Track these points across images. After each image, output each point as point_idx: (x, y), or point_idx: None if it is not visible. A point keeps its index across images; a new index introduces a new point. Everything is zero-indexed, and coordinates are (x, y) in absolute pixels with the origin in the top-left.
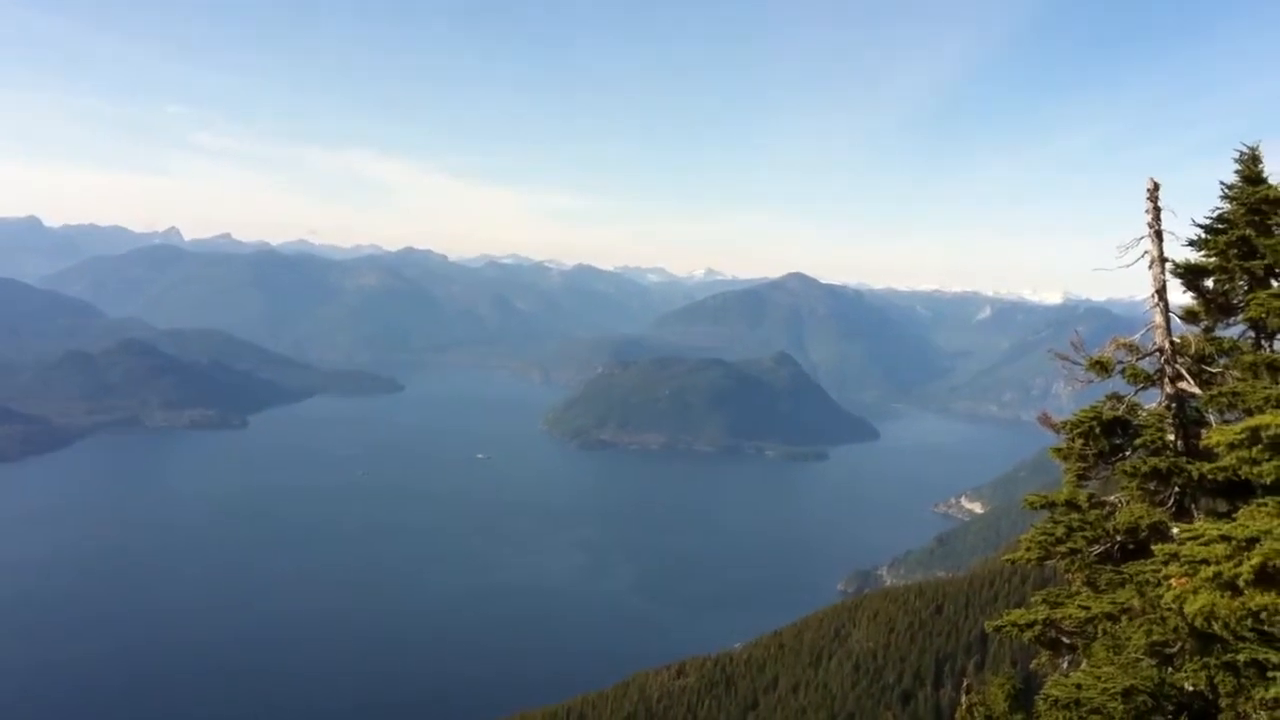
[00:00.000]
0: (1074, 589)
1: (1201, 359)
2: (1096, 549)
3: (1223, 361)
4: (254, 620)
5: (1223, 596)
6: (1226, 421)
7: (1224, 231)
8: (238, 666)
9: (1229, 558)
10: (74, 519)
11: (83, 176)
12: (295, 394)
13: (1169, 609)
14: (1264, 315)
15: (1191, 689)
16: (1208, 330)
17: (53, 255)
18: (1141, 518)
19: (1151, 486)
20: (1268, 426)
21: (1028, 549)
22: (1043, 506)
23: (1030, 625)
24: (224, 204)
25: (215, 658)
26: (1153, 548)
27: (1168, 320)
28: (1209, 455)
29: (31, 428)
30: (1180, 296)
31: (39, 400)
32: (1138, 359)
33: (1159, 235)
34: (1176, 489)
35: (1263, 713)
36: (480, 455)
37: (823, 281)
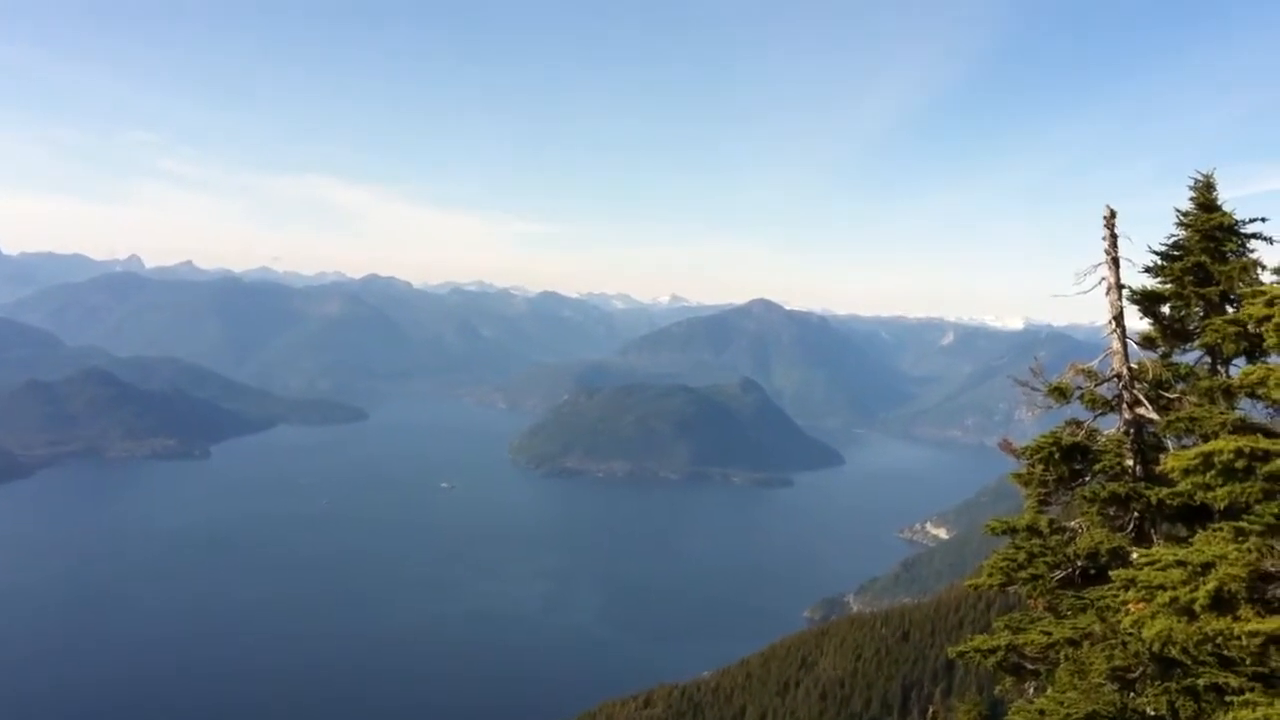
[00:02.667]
0: (1036, 614)
1: (1159, 384)
2: (1058, 574)
3: (1180, 387)
4: (217, 650)
5: (1179, 621)
6: (1184, 446)
7: (1180, 258)
8: (200, 697)
9: (1185, 583)
10: (34, 550)
11: (41, 203)
12: (258, 423)
13: (1129, 634)
14: (1219, 341)
15: (1153, 714)
16: (1165, 356)
17: (11, 283)
18: (1101, 543)
19: (1111, 511)
20: (1220, 452)
21: (990, 575)
22: (1004, 532)
23: (993, 651)
24: (186, 231)
25: (178, 688)
26: (1110, 573)
27: (1125, 346)
28: (1167, 480)
29: None
30: (1138, 322)
31: None
32: (1096, 384)
33: (1116, 262)
34: (1136, 514)
35: None
36: (445, 483)
37: (787, 308)
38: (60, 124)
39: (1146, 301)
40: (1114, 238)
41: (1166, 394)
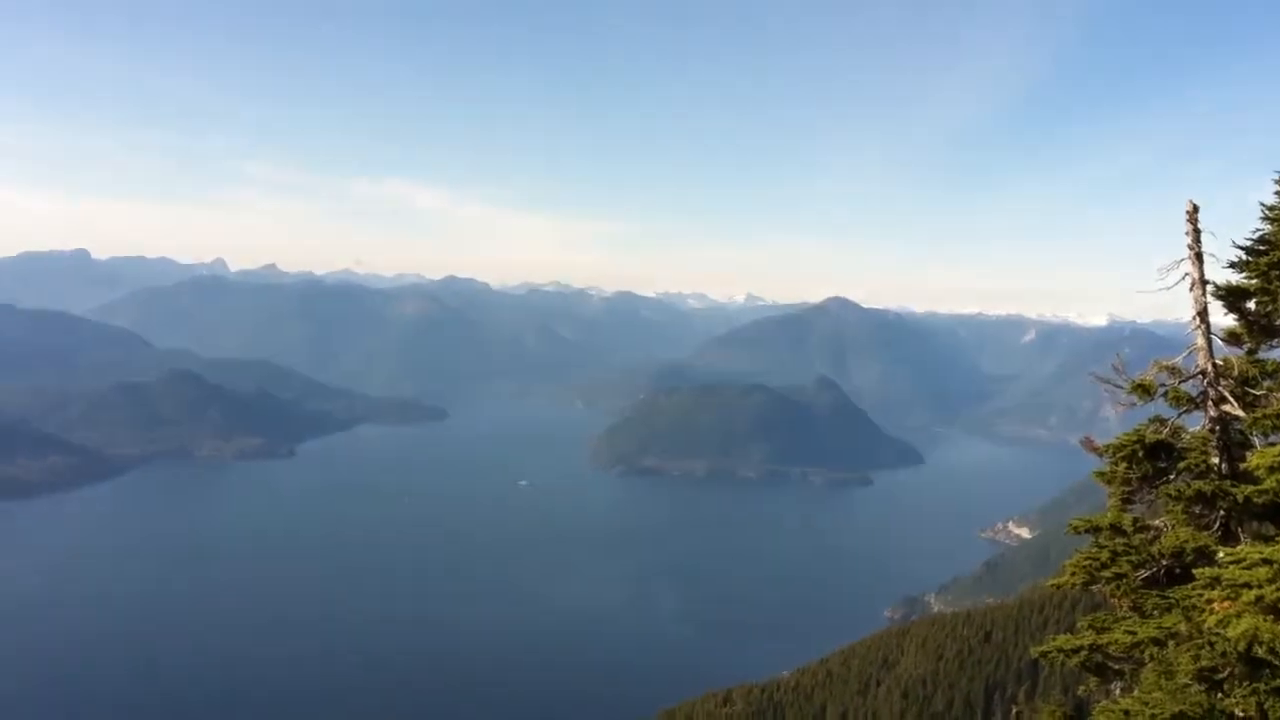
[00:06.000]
0: (1121, 614)
1: (1245, 381)
2: (1142, 573)
3: (1266, 383)
4: (302, 644)
5: (1266, 620)
6: (1271, 444)
7: (1265, 253)
8: (285, 691)
9: (1271, 581)
10: (126, 547)
11: (129, 208)
12: (341, 423)
13: (1215, 634)
14: None
15: (1242, 715)
16: (1251, 352)
17: (100, 287)
18: (1186, 542)
19: (1196, 510)
20: None
21: (1073, 574)
22: (1088, 531)
23: (1077, 651)
24: (269, 234)
25: (261, 681)
26: (1195, 572)
27: (1210, 343)
28: (1253, 478)
29: (83, 458)
30: (1223, 318)
31: (90, 431)
32: (1180, 381)
33: (1199, 257)
34: (1221, 512)
35: None
36: (523, 482)
37: (864, 305)
38: (146, 129)
39: (1231, 297)
40: (1197, 232)
41: (1252, 390)
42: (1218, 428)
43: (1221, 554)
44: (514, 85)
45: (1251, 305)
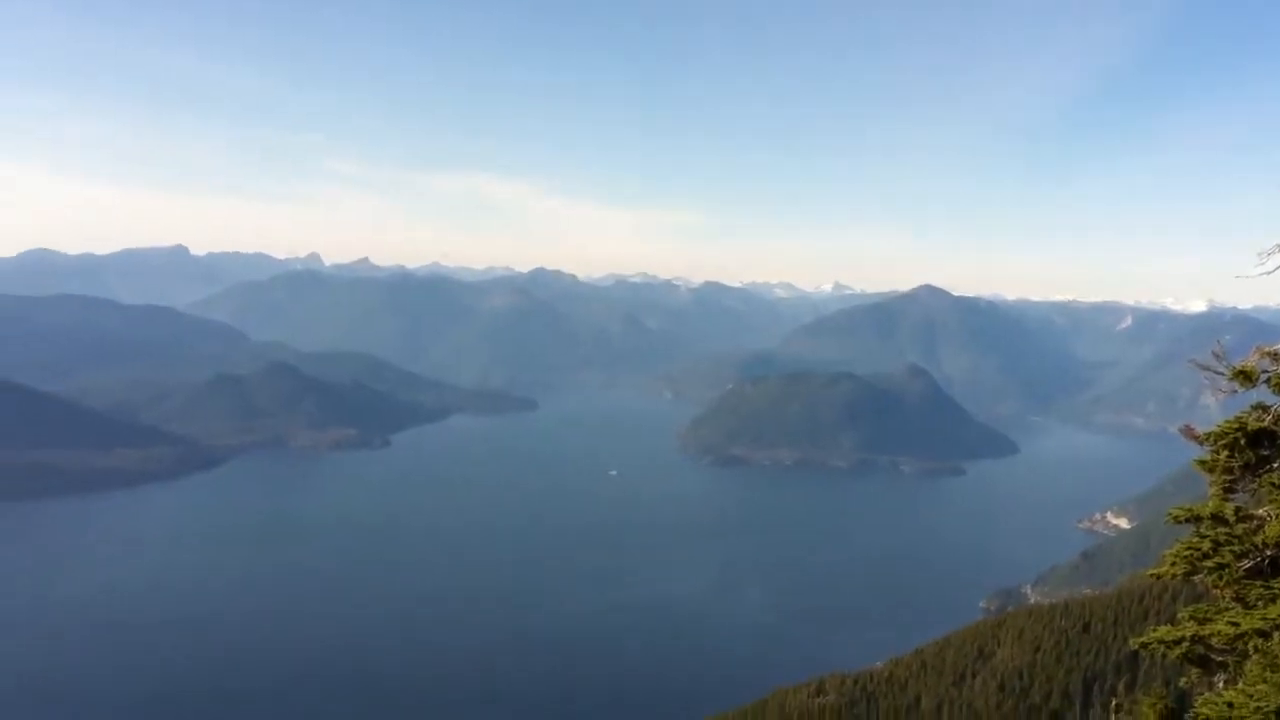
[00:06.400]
0: (1223, 605)
1: None
2: (1245, 563)
3: None
4: (395, 632)
5: None
6: None
7: None
8: (375, 677)
9: None
10: (226, 535)
11: (227, 205)
12: (434, 413)
13: None
14: None
15: None
16: None
17: (199, 282)
18: None
19: None
20: None
21: (1173, 564)
22: (1188, 520)
23: (1178, 642)
24: (361, 229)
25: (360, 672)
26: None
27: None
28: None
29: (183, 449)
30: None
31: (190, 422)
32: None
33: None
34: None
35: None
36: (613, 472)
37: (954, 293)
38: (242, 128)
39: None
40: None
41: None
42: None
43: None
44: (595, 79)
45: None
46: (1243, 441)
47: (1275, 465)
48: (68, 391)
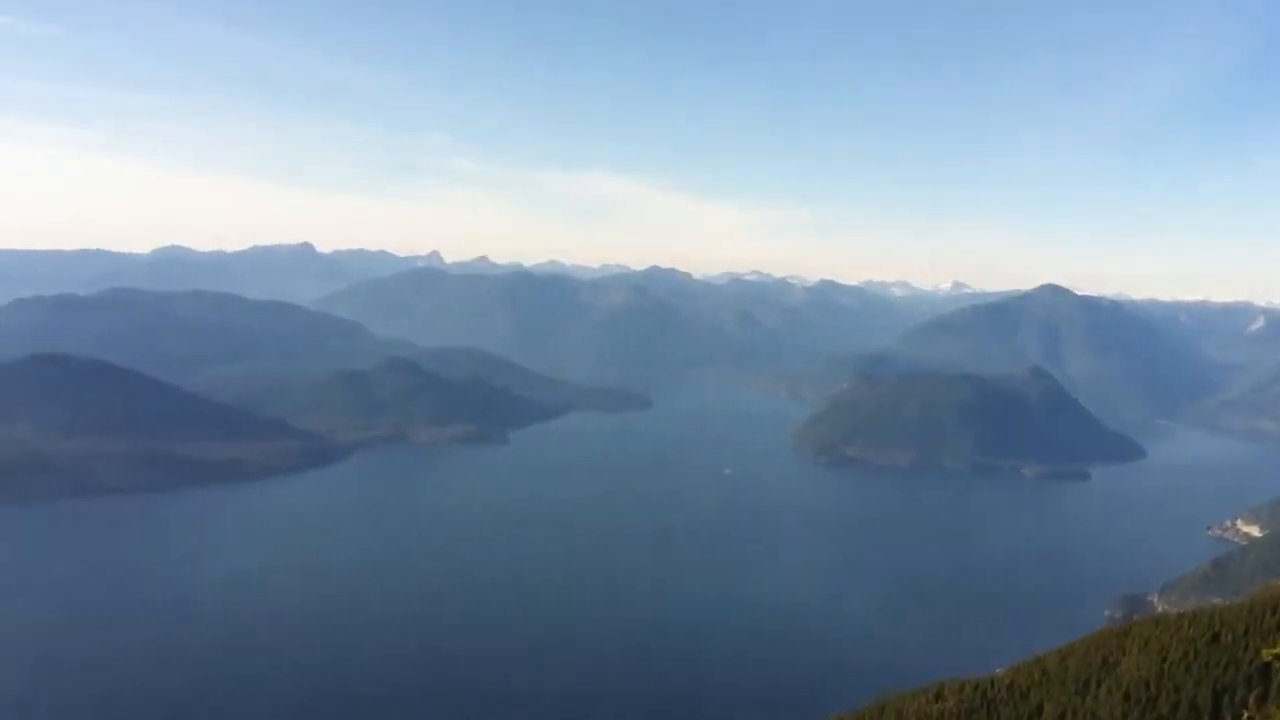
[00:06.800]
0: None
1: None
2: None
3: None
4: (507, 624)
5: None
6: None
7: None
8: (486, 667)
9: None
10: (350, 526)
11: (351, 203)
12: (551, 409)
13: None
14: None
15: None
16: None
17: (324, 279)
18: None
19: None
20: None
21: None
22: None
23: None
24: (481, 227)
25: (475, 662)
26: None
27: None
28: None
29: (308, 442)
30: None
31: (314, 416)
32: None
33: None
34: None
35: None
36: (727, 471)
37: (1077, 292)
38: (366, 127)
39: None
40: None
41: None
42: None
43: None
44: (712, 78)
45: None
46: None
47: None
48: (199, 385)
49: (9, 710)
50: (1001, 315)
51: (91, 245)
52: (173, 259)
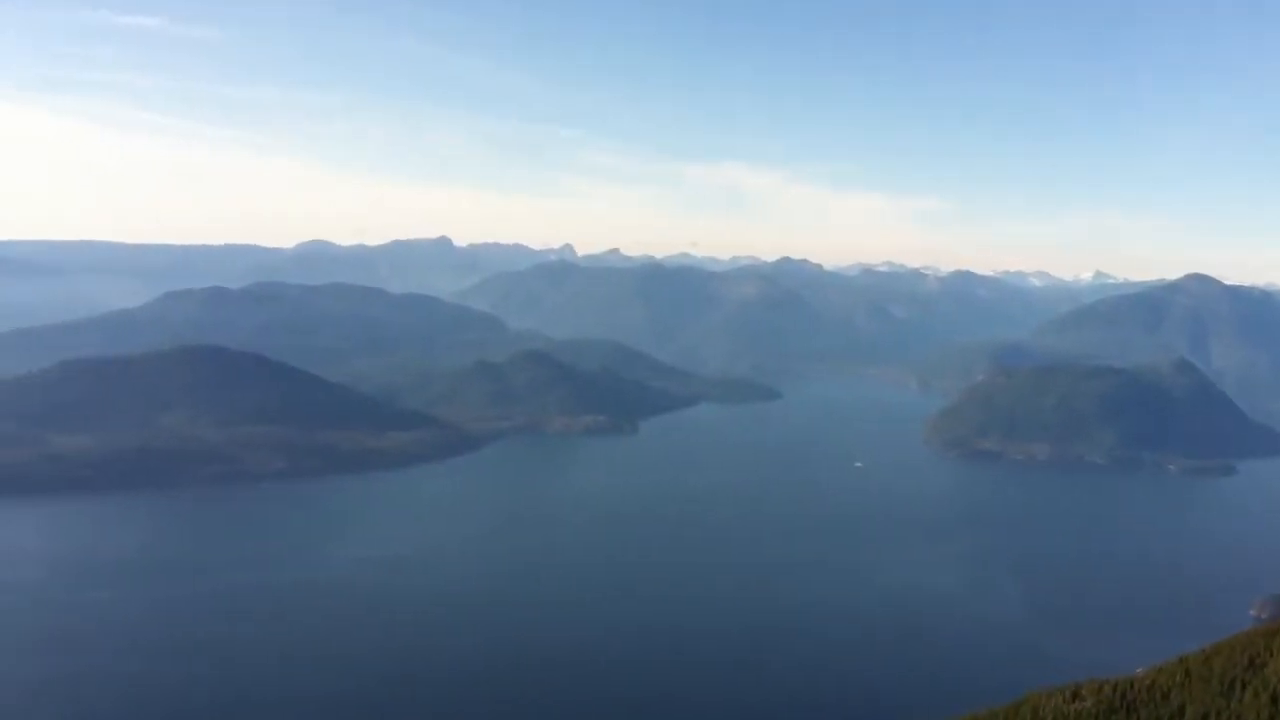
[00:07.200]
0: None
1: None
2: None
3: None
4: (637, 609)
5: None
6: None
7: None
8: (616, 651)
9: None
10: (488, 514)
11: (486, 198)
12: (681, 401)
13: None
14: None
15: None
16: None
17: (461, 272)
18: None
19: None
20: None
21: None
22: None
23: None
24: (611, 220)
25: (600, 648)
26: None
27: None
28: None
29: (447, 432)
30: None
31: (452, 406)
32: None
33: None
34: None
35: None
36: (858, 463)
37: (1225, 282)
38: (499, 123)
39: None
40: None
41: None
42: None
43: None
44: (835, 66)
45: None
46: None
47: None
48: (343, 376)
49: (153, 690)
50: (1145, 305)
51: (238, 240)
52: (316, 253)
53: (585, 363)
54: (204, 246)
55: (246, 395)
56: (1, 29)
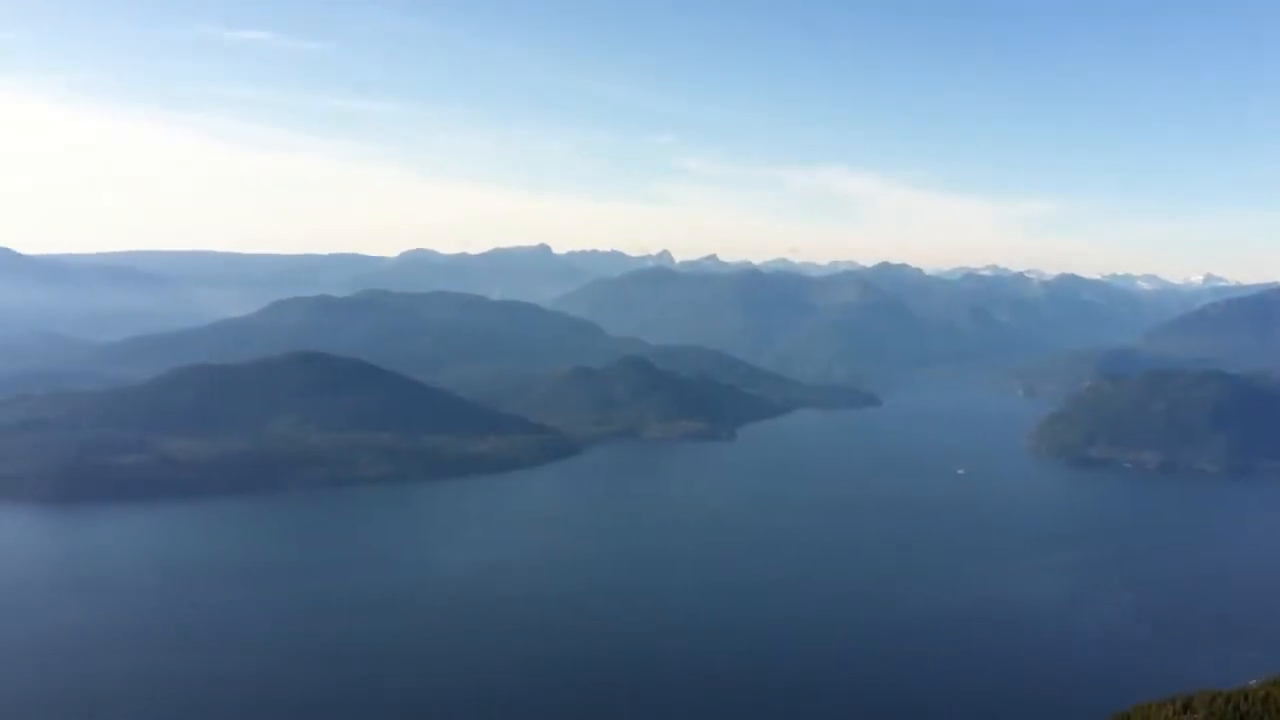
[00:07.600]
0: None
1: None
2: None
3: None
4: (734, 621)
5: None
6: None
7: None
8: (719, 662)
9: None
10: (589, 520)
11: (584, 206)
12: (778, 407)
13: None
14: None
15: None
16: None
17: (560, 279)
18: None
19: None
20: None
21: None
22: None
23: None
24: (709, 226)
25: (694, 655)
26: None
27: None
28: None
29: (546, 437)
30: None
31: (552, 412)
32: None
33: None
34: None
35: None
36: (960, 471)
37: None
38: (596, 131)
39: None
40: None
41: None
42: None
43: None
44: (949, 69)
45: None
46: None
47: None
48: (445, 382)
49: (252, 688)
50: (1259, 309)
51: (344, 250)
52: (419, 262)
53: (683, 369)
54: (310, 256)
55: (352, 401)
56: (119, 46)
